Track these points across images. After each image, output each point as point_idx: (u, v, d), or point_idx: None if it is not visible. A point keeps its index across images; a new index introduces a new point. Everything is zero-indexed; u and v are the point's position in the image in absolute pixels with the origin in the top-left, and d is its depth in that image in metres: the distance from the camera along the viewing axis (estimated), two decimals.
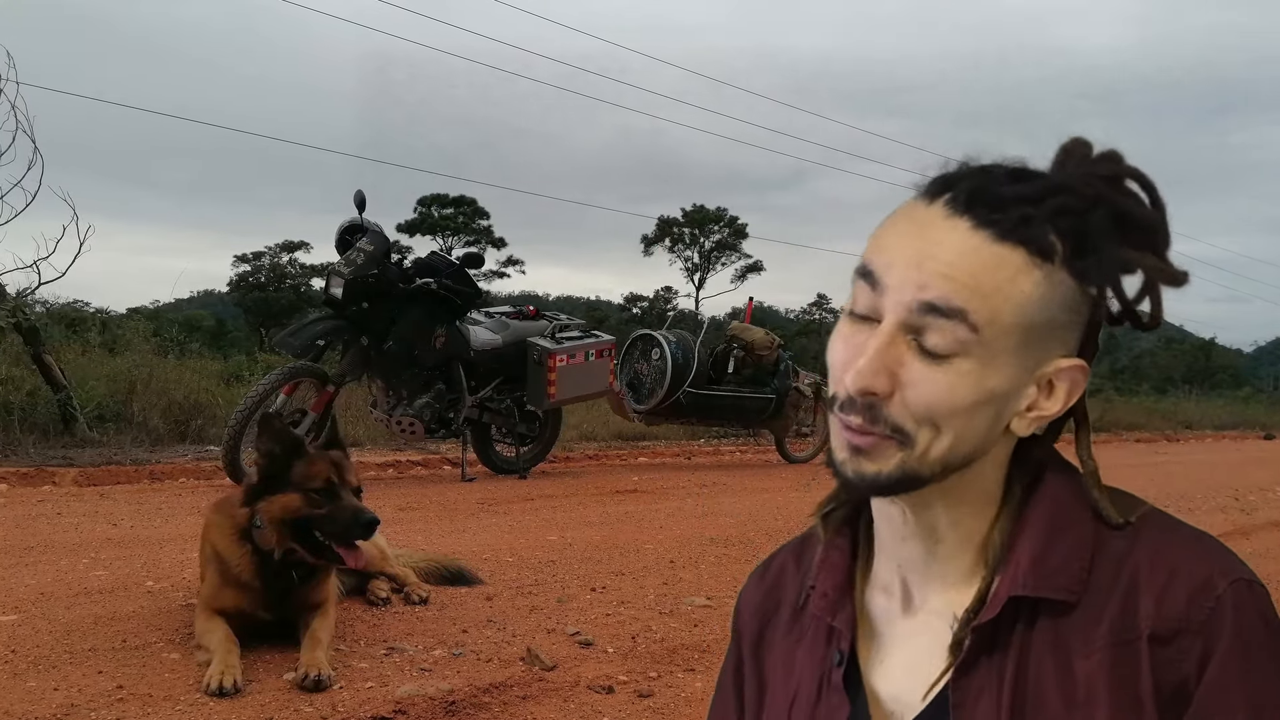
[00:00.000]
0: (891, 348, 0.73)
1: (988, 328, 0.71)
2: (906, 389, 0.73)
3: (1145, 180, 0.76)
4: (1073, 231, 0.72)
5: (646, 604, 3.46)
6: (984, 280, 0.71)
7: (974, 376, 0.72)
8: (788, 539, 0.97)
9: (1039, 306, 0.72)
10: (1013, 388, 0.74)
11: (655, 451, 9.80)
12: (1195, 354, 54.28)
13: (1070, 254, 0.73)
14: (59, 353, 7.99)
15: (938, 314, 0.71)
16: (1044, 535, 0.75)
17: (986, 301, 0.71)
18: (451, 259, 6.77)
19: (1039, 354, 0.74)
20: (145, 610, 3.06)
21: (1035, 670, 0.72)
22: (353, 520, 2.64)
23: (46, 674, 2.46)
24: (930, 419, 0.73)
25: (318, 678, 2.43)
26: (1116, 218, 0.73)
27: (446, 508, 5.56)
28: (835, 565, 0.85)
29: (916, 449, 0.73)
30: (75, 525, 4.53)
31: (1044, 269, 0.72)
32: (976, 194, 0.73)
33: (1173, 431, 19.81)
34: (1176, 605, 0.69)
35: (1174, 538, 0.74)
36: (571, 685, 2.57)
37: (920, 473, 0.74)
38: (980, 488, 0.78)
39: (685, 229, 49.86)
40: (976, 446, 0.75)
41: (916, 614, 0.81)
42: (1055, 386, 0.75)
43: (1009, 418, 0.75)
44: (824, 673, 0.83)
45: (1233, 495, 7.78)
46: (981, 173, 0.75)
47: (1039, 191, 0.73)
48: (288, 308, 39.63)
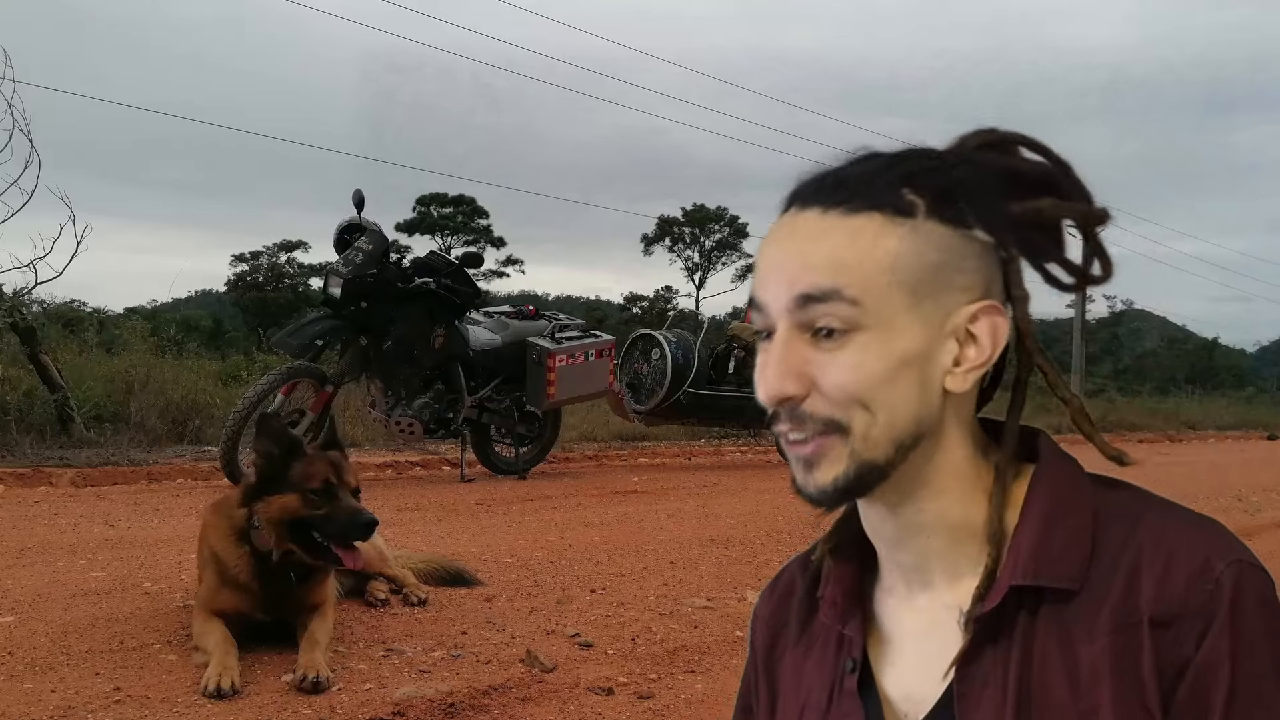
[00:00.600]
0: (790, 350, 0.74)
1: (867, 296, 0.72)
2: (819, 381, 0.73)
3: (1029, 141, 0.78)
4: (931, 187, 0.74)
5: (647, 605, 3.46)
6: (846, 254, 0.73)
7: (876, 345, 0.73)
8: (788, 540, 0.97)
9: (913, 261, 0.73)
10: (925, 346, 0.74)
11: (655, 452, 9.80)
12: (1198, 354, 54.29)
13: (933, 206, 0.74)
14: (56, 353, 7.99)
15: (815, 301, 0.73)
16: (1043, 523, 0.75)
17: (856, 273, 0.72)
18: (450, 258, 6.77)
19: (939, 306, 0.74)
20: (143, 611, 3.06)
21: (1039, 658, 0.72)
22: (351, 521, 2.64)
23: (43, 676, 2.46)
24: (854, 400, 0.73)
25: (316, 679, 2.43)
26: (994, 174, 0.76)
27: (445, 509, 5.56)
28: (843, 574, 0.85)
29: (856, 434, 0.74)
30: (72, 526, 4.53)
31: (906, 224, 0.73)
32: (821, 181, 0.76)
33: (1175, 432, 19.82)
34: (1176, 589, 0.69)
35: (1174, 522, 0.74)
36: (571, 687, 2.57)
37: (874, 459, 0.74)
38: (953, 470, 0.78)
39: (685, 228, 49.88)
40: (918, 416, 0.74)
41: (924, 612, 0.81)
42: (975, 334, 0.76)
43: (939, 379, 0.75)
44: (835, 680, 0.83)
45: (1236, 496, 7.79)
46: (823, 170, 0.77)
47: (886, 162, 0.76)
48: (286, 307, 39.62)
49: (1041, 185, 0.77)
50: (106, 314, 19.63)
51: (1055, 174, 0.77)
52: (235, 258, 44.70)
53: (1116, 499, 0.77)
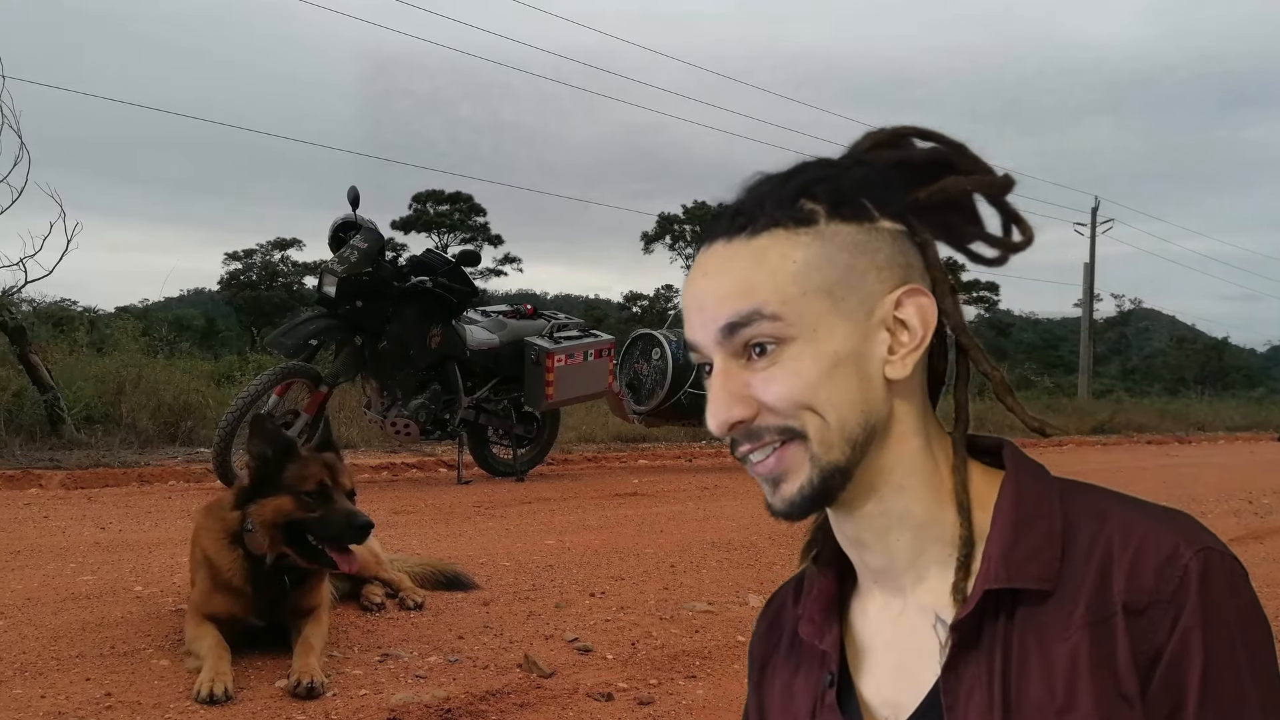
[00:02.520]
0: (729, 378, 0.78)
1: (785, 308, 0.75)
2: (763, 399, 0.77)
3: (920, 131, 0.82)
4: (828, 192, 0.77)
5: (647, 609, 3.46)
6: (756, 276, 0.76)
7: (808, 352, 0.76)
8: (791, 543, 0.99)
9: (822, 264, 0.76)
10: (856, 342, 0.77)
11: (655, 454, 9.80)
12: (1207, 354, 54.28)
13: (833, 209, 0.77)
14: (46, 352, 7.99)
15: (739, 327, 0.76)
16: (1012, 526, 0.77)
17: (769, 289, 0.76)
18: (447, 257, 6.78)
19: (861, 302, 0.77)
20: (134, 616, 3.06)
21: (1019, 660, 0.74)
22: (346, 524, 2.65)
23: (33, 681, 2.46)
24: (800, 406, 0.76)
25: (310, 685, 2.43)
26: (889, 168, 0.79)
27: (442, 511, 5.57)
28: (821, 591, 0.88)
29: (812, 439, 0.76)
30: (62, 529, 4.53)
31: (809, 232, 0.77)
32: (718, 216, 0.80)
33: (1184, 433, 19.82)
34: (1146, 578, 0.71)
35: (1142, 515, 0.76)
36: (570, 692, 2.57)
37: (834, 461, 0.77)
38: (909, 462, 0.80)
39: (686, 226, 49.88)
40: (865, 410, 0.77)
41: (899, 617, 0.83)
42: (904, 319, 0.78)
43: (877, 370, 0.78)
44: (817, 695, 0.86)
45: (1246, 499, 7.78)
46: (724, 203, 0.81)
47: (780, 179, 0.79)
48: (280, 306, 39.64)
49: (939, 168, 0.80)
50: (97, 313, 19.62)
51: (950, 155, 0.81)
52: (228, 256, 44.77)
53: (1083, 498, 0.79)
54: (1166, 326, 68.11)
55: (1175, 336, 61.70)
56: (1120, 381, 41.35)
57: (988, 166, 0.81)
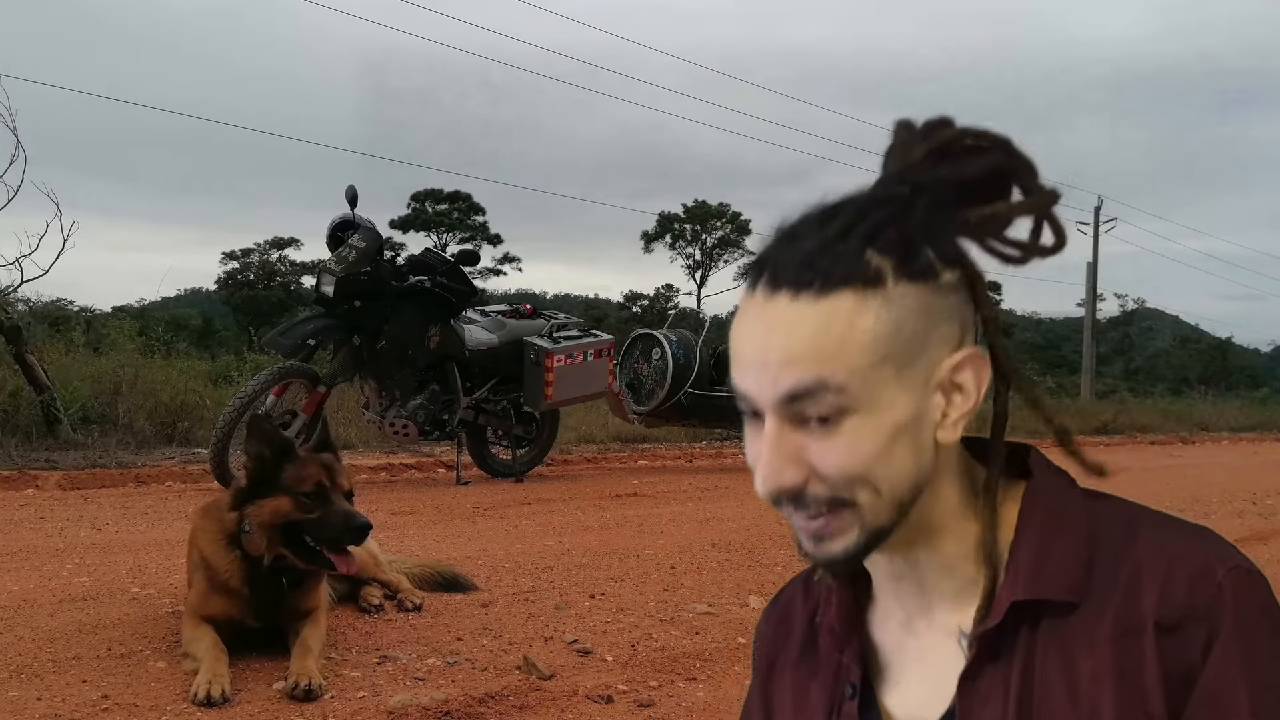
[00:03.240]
0: (782, 441, 0.75)
1: (851, 381, 0.72)
2: (817, 467, 0.75)
3: (971, 131, 0.77)
4: (895, 242, 0.73)
5: (647, 611, 3.46)
6: (824, 343, 0.72)
7: (869, 425, 0.74)
8: (790, 544, 0.98)
9: (891, 334, 0.73)
10: (915, 411, 0.75)
11: (656, 454, 9.80)
12: (1211, 354, 54.27)
13: (901, 263, 0.73)
14: (42, 353, 7.99)
15: (803, 399, 0.73)
16: (1040, 538, 0.77)
17: (837, 361, 0.72)
18: (446, 256, 6.78)
19: (922, 368, 0.75)
20: (131, 617, 3.06)
21: (1041, 672, 0.74)
22: (344, 525, 2.64)
23: (29, 683, 2.46)
24: (855, 480, 0.74)
25: (308, 687, 2.43)
26: (950, 190, 0.75)
27: (441, 512, 5.56)
28: (840, 600, 0.87)
29: (865, 510, 0.75)
30: (59, 530, 4.53)
31: (879, 295, 0.73)
32: (784, 262, 0.74)
33: (1188, 434, 19.80)
34: (1179, 594, 0.71)
35: (1171, 531, 0.76)
36: (569, 695, 2.57)
37: (882, 526, 0.76)
38: (948, 510, 0.80)
39: (687, 225, 49.88)
40: (916, 478, 0.76)
41: (924, 634, 0.83)
42: (960, 384, 0.76)
43: (930, 436, 0.76)
44: (834, 704, 0.86)
45: (1250, 500, 7.78)
46: (788, 236, 0.76)
47: (845, 225, 0.74)
48: (277, 306, 39.66)
49: (992, 181, 0.76)
50: (94, 313, 19.66)
51: (1007, 166, 0.77)
52: (226, 255, 44.79)
53: (1111, 511, 0.79)
54: (1170, 326, 68.10)
55: (1179, 336, 61.70)
56: (1123, 382, 41.35)
57: (1035, 168, 0.77)
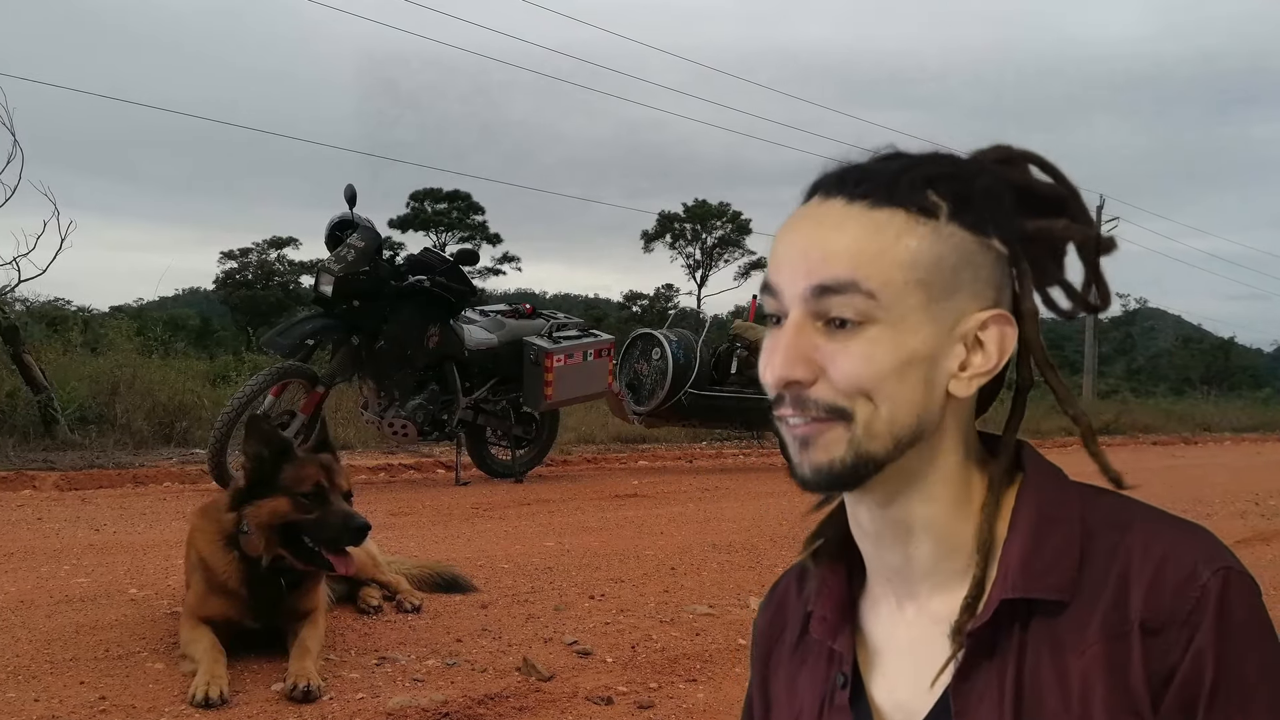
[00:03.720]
0: (801, 336, 0.76)
1: (884, 290, 0.74)
2: (828, 369, 0.75)
3: (1042, 161, 0.81)
4: (954, 192, 0.76)
5: (647, 612, 3.46)
6: (867, 247, 0.75)
7: (888, 340, 0.75)
8: (793, 545, 0.99)
9: (931, 261, 0.75)
10: (934, 347, 0.76)
11: (656, 455, 9.80)
12: (1213, 354, 54.26)
13: (955, 210, 0.76)
14: (39, 352, 7.99)
15: (832, 292, 0.75)
16: (1031, 535, 0.77)
17: (875, 266, 0.74)
18: (445, 256, 6.78)
19: (951, 310, 0.76)
20: (128, 619, 3.06)
21: (1032, 670, 0.75)
22: (343, 526, 2.64)
23: (26, 684, 2.46)
24: (859, 390, 0.75)
25: (307, 688, 2.43)
26: (1011, 188, 0.78)
27: (440, 513, 5.57)
28: (832, 588, 0.88)
29: (859, 424, 0.75)
30: (56, 530, 4.53)
31: (928, 225, 0.76)
32: (846, 174, 0.78)
33: (1190, 434, 19.80)
34: (1164, 597, 0.72)
35: (1161, 530, 0.76)
36: (569, 696, 2.57)
37: (872, 451, 0.76)
38: (944, 475, 0.80)
39: (687, 224, 49.87)
40: (920, 415, 0.76)
41: (913, 623, 0.83)
42: (983, 341, 0.78)
43: (943, 381, 0.77)
44: (825, 694, 0.86)
45: (1253, 500, 7.78)
46: (849, 163, 0.79)
47: (911, 161, 0.78)
48: (276, 306, 39.66)
49: (1053, 206, 0.80)
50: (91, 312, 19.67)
51: (1065, 196, 0.80)
52: (224, 255, 44.75)
53: (1103, 507, 0.79)
54: (1172, 326, 68.13)
55: (1181, 336, 61.70)
56: (1125, 382, 41.36)
57: (1090, 219, 0.81)
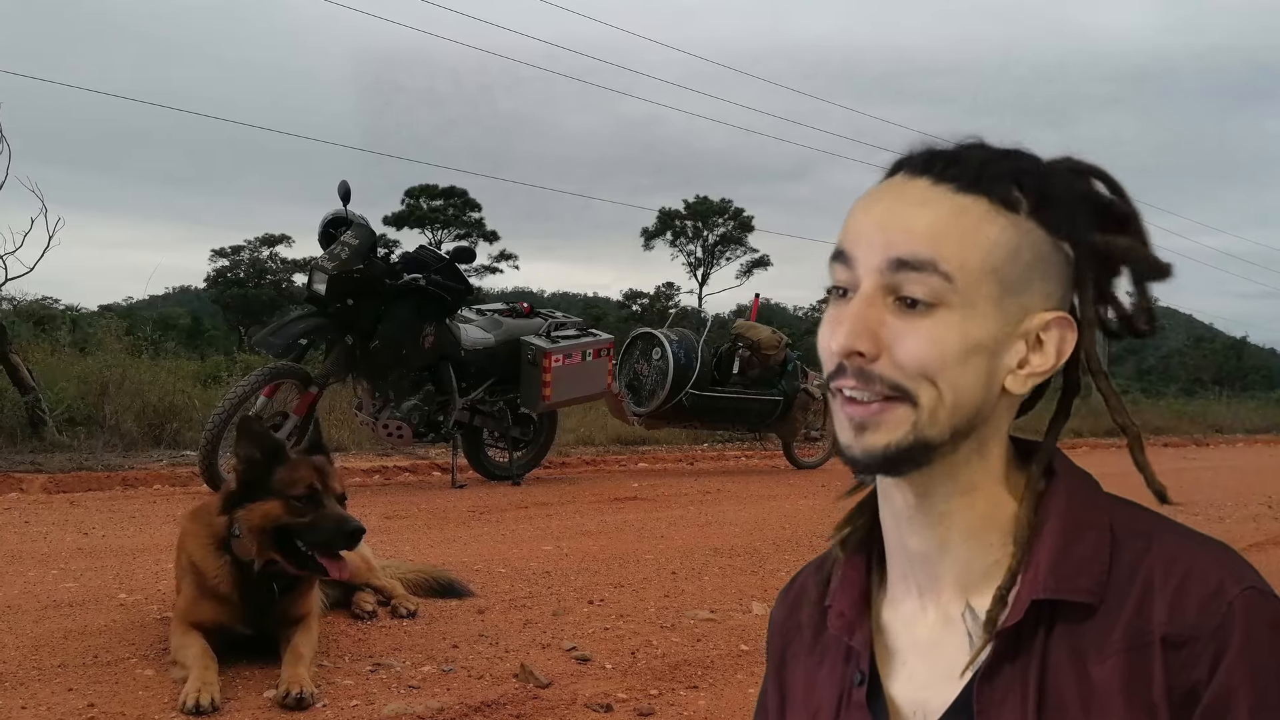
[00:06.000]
0: (871, 309, 0.77)
1: (960, 274, 0.76)
2: (894, 347, 0.76)
3: (1108, 177, 0.82)
4: (1035, 188, 0.78)
5: (647, 617, 3.46)
6: (949, 229, 0.76)
7: (957, 325, 0.76)
8: (795, 549, 0.99)
9: (1008, 253, 0.77)
10: (998, 339, 0.77)
11: (656, 457, 9.80)
12: (1226, 353, 54.32)
13: (1036, 207, 0.78)
14: (27, 352, 7.99)
15: (909, 268, 0.76)
16: (1062, 537, 0.78)
17: (954, 249, 0.76)
18: (441, 253, 6.77)
19: (1019, 305, 0.78)
20: (118, 624, 3.06)
21: (1055, 674, 0.75)
22: (337, 529, 2.65)
23: (13, 692, 2.46)
24: (924, 373, 0.76)
25: (300, 695, 2.43)
26: (1082, 196, 0.80)
27: (436, 516, 5.57)
28: (851, 583, 0.88)
29: (923, 408, 0.76)
30: (44, 534, 4.54)
31: (1009, 217, 0.77)
32: (934, 155, 0.80)
33: (1202, 436, 19.81)
34: (1189, 611, 0.72)
35: (1188, 544, 0.77)
36: (568, 703, 2.57)
37: (931, 436, 0.77)
38: (988, 468, 0.81)
39: (688, 221, 49.91)
40: (978, 406, 0.78)
41: (933, 620, 0.83)
42: (1043, 341, 0.79)
43: (1002, 375, 0.79)
44: (843, 691, 0.87)
45: (1266, 503, 7.78)
46: (936, 146, 0.81)
47: (998, 154, 0.80)
48: (268, 305, 39.71)
49: (1119, 223, 0.81)
50: (80, 311, 19.67)
51: (1130, 215, 0.82)
52: (215, 253, 44.84)
53: (1130, 516, 0.80)
54: (1183, 325, 68.12)
55: (1192, 336, 61.72)
56: (1135, 382, 41.38)
57: (1144, 234, 0.82)
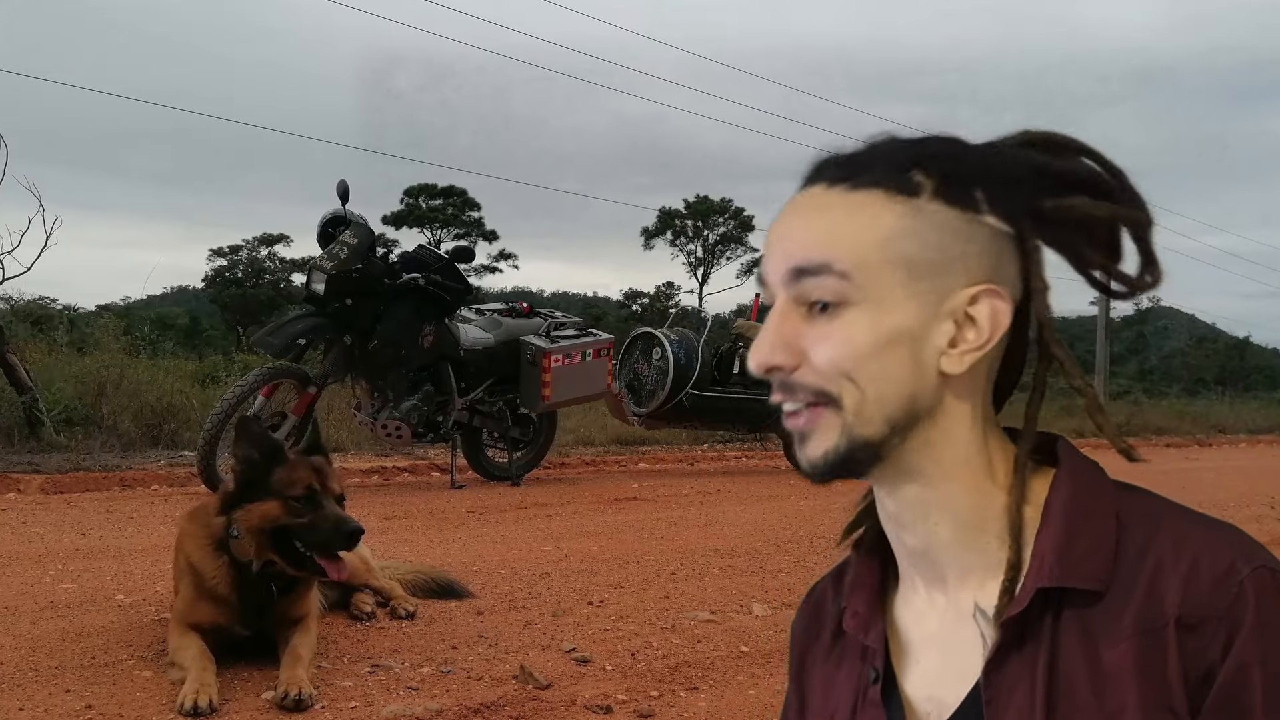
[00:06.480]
0: (784, 322, 0.79)
1: (858, 271, 0.76)
2: (809, 354, 0.78)
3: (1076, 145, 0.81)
4: (941, 170, 0.78)
5: (647, 619, 3.46)
6: (842, 228, 0.77)
7: (866, 320, 0.77)
8: (796, 550, 0.99)
9: (911, 239, 0.77)
10: (918, 324, 0.77)
11: (656, 457, 9.80)
12: (1229, 353, 54.32)
13: (940, 187, 0.77)
14: (24, 352, 7.99)
15: (807, 274, 0.77)
16: (1066, 524, 0.78)
17: (849, 247, 0.77)
18: (440, 253, 6.78)
19: (938, 287, 0.77)
20: (115, 625, 3.06)
21: (1065, 661, 0.75)
22: (335, 530, 2.65)
23: (11, 693, 2.46)
24: (842, 373, 0.77)
25: (298, 697, 2.43)
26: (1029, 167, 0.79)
27: (435, 517, 5.57)
28: (865, 583, 0.89)
29: (847, 409, 0.77)
30: (41, 535, 4.54)
31: (908, 204, 0.77)
32: (828, 160, 0.81)
33: (1204, 436, 19.81)
34: (1201, 592, 0.72)
35: (1196, 526, 0.77)
36: (567, 705, 2.57)
37: (866, 434, 0.77)
38: (960, 457, 0.80)
39: (688, 221, 49.93)
40: (910, 395, 0.78)
41: (943, 614, 0.83)
42: (974, 317, 0.78)
43: (933, 359, 0.78)
44: (859, 690, 0.87)
45: (1269, 503, 7.78)
46: (837, 151, 0.82)
47: (902, 144, 0.80)
48: (266, 304, 39.71)
49: (1079, 186, 0.80)
50: (77, 311, 19.70)
51: (1101, 178, 0.80)
52: (213, 252, 44.84)
53: (1137, 502, 0.80)
54: (1186, 325, 68.15)
55: (1195, 335, 61.75)
56: (1138, 382, 41.38)
57: (1136, 197, 0.80)
